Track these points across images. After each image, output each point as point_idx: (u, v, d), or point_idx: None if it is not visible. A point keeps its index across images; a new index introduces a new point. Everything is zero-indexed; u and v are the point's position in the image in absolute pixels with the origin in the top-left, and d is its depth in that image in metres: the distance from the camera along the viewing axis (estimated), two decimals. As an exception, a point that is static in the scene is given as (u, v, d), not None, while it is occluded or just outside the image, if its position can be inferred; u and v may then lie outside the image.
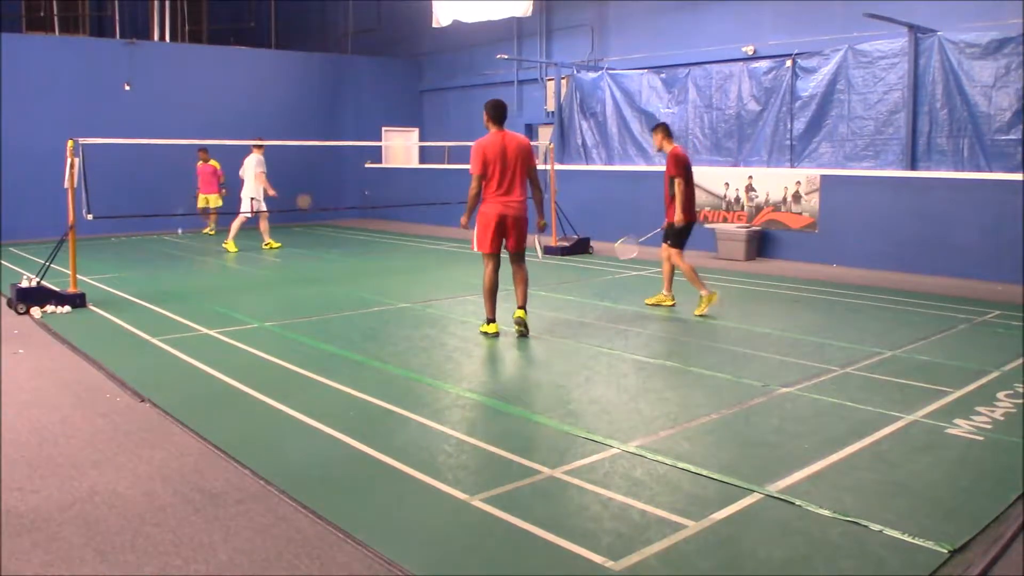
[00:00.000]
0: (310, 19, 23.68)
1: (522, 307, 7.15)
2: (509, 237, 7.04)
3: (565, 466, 4.15)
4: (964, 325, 7.70)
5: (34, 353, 6.62)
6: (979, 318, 8.01)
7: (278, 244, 14.15)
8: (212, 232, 16.38)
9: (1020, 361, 6.27)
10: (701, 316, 8.01)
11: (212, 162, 16.12)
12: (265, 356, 6.44)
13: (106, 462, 4.25)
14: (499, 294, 7.23)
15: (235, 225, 13.69)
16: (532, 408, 5.17)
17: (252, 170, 13.38)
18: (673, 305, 8.50)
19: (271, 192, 13.43)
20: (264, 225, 14.12)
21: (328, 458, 4.32)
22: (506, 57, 17.87)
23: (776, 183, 12.75)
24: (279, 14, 23.05)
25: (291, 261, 12.69)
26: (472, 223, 7.11)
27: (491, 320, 7.14)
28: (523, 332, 7.11)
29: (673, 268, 8.52)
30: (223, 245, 13.66)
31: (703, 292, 8.14)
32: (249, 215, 13.50)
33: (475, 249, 7.13)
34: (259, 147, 13.52)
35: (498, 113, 6.95)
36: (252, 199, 13.40)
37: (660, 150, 8.51)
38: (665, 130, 8.40)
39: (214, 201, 16.21)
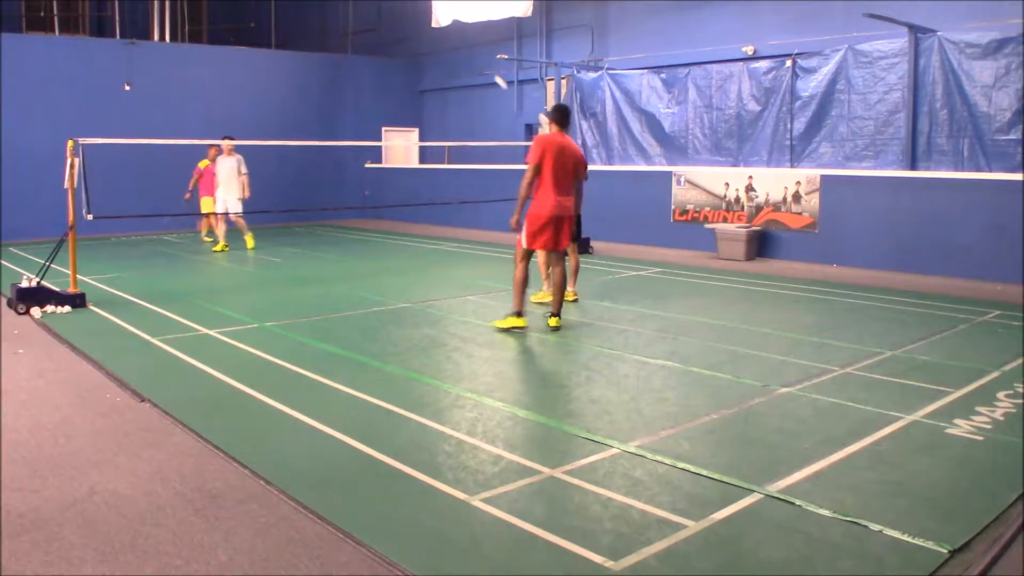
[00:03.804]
0: (310, 19, 23.69)
1: (558, 314, 7.40)
2: (561, 237, 7.23)
3: (565, 466, 4.15)
4: (964, 325, 7.70)
5: (34, 353, 6.61)
6: (979, 318, 8.01)
7: (227, 248, 13.54)
8: (208, 239, 15.05)
9: (1020, 361, 6.27)
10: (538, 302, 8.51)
11: None
12: (265, 356, 6.44)
13: (106, 462, 4.25)
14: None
15: (241, 225, 13.71)
16: (532, 408, 5.17)
17: (237, 171, 13.19)
18: (576, 299, 8.76)
19: (247, 194, 13.37)
20: (241, 223, 13.79)
21: (328, 458, 4.32)
22: (506, 57, 17.86)
23: (776, 183, 12.75)
24: (279, 14, 23.05)
25: (291, 261, 12.68)
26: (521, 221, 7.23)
27: (520, 313, 7.26)
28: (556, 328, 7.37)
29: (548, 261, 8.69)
30: (214, 248, 13.48)
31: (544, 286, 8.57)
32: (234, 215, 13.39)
33: (523, 246, 7.26)
34: (232, 148, 13.31)
35: (562, 117, 7.26)
36: (239, 199, 13.29)
37: None
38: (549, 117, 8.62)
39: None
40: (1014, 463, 4.22)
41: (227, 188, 13.27)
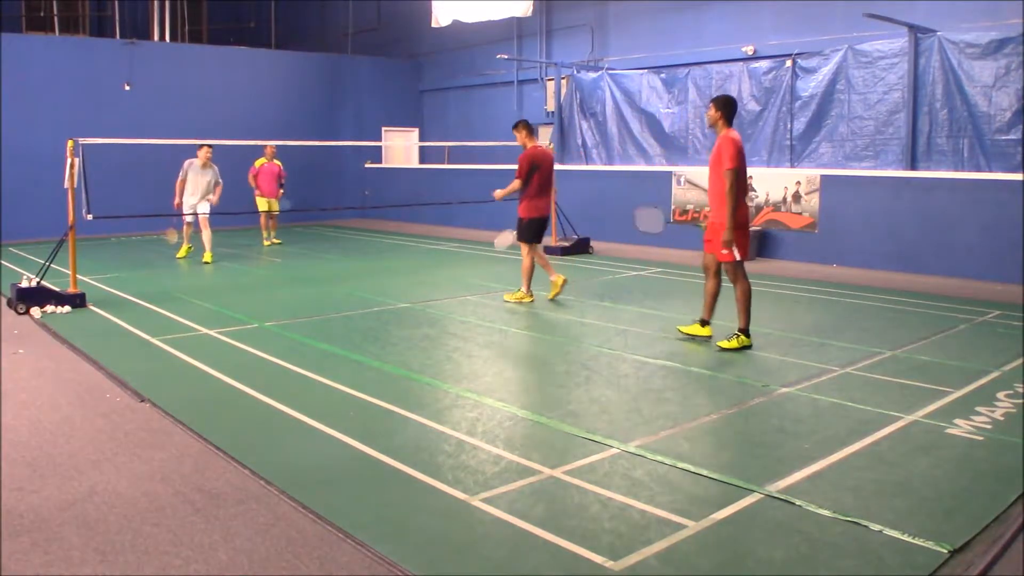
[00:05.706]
0: (310, 19, 23.70)
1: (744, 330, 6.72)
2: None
3: (565, 466, 4.15)
4: (964, 325, 7.70)
5: (34, 353, 6.61)
6: (979, 318, 8.01)
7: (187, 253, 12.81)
8: (278, 241, 14.65)
9: (1020, 361, 6.27)
10: (553, 300, 8.72)
11: (276, 161, 14.27)
12: (265, 356, 6.44)
13: (106, 462, 4.25)
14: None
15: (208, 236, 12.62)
16: (532, 408, 5.17)
17: (214, 177, 12.18)
18: (531, 301, 8.71)
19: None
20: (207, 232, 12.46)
21: (328, 458, 4.32)
22: (506, 57, 17.87)
23: (776, 183, 12.75)
24: (279, 14, 23.06)
25: (291, 261, 12.68)
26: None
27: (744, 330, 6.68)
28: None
29: (532, 265, 8.74)
30: (203, 258, 12.44)
31: (552, 277, 8.75)
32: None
33: (738, 258, 6.59)
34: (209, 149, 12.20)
35: (734, 111, 6.79)
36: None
37: (523, 145, 8.77)
38: (525, 127, 8.75)
39: (276, 205, 14.29)
40: (1014, 463, 4.22)
41: (202, 193, 12.15)
